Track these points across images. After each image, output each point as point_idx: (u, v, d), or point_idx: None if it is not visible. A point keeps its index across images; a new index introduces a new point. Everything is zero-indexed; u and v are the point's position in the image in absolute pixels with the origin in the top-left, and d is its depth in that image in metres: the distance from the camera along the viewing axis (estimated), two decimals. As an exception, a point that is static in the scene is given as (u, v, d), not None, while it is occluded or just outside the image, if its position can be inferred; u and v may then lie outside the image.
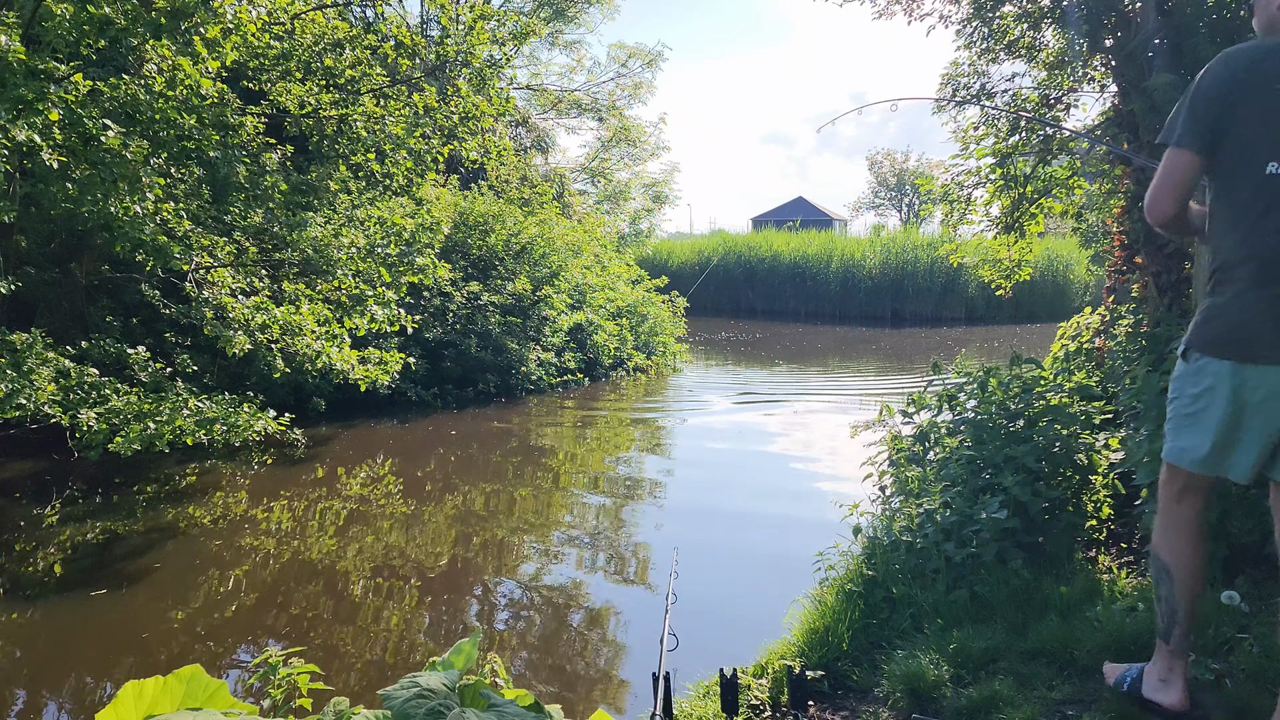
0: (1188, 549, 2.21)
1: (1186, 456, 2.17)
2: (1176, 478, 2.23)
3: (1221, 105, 2.02)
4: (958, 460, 4.08)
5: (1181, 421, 2.17)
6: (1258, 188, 2.00)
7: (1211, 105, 2.03)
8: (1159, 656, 2.29)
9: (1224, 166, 2.06)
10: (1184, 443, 2.17)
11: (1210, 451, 2.11)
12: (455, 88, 8.64)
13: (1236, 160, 2.03)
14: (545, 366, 12.41)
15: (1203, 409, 2.11)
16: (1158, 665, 2.29)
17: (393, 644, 4.64)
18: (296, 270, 8.06)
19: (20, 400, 5.48)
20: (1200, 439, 2.12)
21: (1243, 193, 2.03)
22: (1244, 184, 2.03)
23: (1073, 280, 25.04)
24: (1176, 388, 2.20)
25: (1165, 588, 2.24)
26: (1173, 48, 4.39)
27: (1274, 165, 1.98)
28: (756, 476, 8.13)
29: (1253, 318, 2.01)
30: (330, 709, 1.75)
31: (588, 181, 24.90)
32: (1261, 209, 2.01)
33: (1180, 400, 2.18)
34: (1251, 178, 2.01)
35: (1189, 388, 2.15)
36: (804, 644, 3.27)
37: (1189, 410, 2.15)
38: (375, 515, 6.85)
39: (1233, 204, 2.07)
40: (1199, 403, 2.11)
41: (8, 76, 4.98)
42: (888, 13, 6.14)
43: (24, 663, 4.43)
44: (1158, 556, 2.27)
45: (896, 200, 63.62)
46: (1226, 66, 2.04)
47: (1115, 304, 5.73)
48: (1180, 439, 2.18)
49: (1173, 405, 2.21)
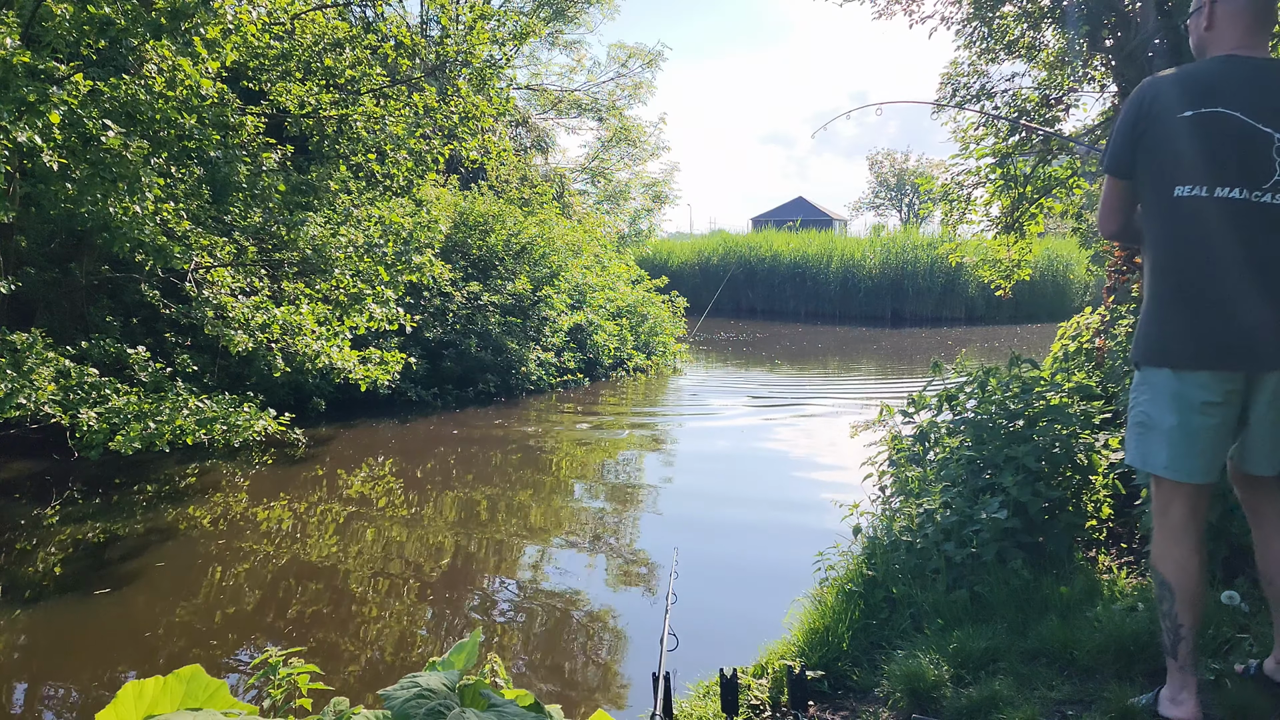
0: (1185, 559, 2.20)
1: (1152, 463, 2.23)
2: (1161, 487, 2.25)
3: (1134, 133, 2.18)
4: (958, 460, 4.08)
5: (1139, 430, 2.27)
6: (1168, 210, 2.15)
7: (1128, 134, 2.19)
8: (1170, 675, 2.28)
9: (1142, 189, 2.22)
10: (1146, 450, 2.24)
11: (1170, 456, 2.18)
12: (455, 88, 8.64)
13: (1150, 184, 2.19)
14: (545, 366, 12.41)
15: (1155, 416, 2.21)
16: (1171, 683, 2.27)
17: (393, 644, 4.64)
18: (296, 270, 8.06)
19: (20, 400, 5.48)
20: (1158, 446, 2.21)
21: (1157, 214, 2.19)
22: (1157, 206, 2.18)
23: (1073, 280, 25.04)
24: (1132, 396, 2.30)
25: (1168, 604, 2.22)
26: (1173, 48, 4.39)
27: (1180, 189, 2.11)
28: (757, 477, 8.13)
29: (1177, 329, 2.15)
30: (330, 709, 1.75)
31: (588, 181, 24.90)
32: (1172, 230, 2.16)
33: (1135, 409, 2.28)
34: (1162, 200, 2.16)
35: (1141, 395, 2.26)
36: (804, 644, 3.27)
37: (1142, 419, 2.25)
38: (375, 515, 6.85)
39: (1150, 225, 2.22)
40: (1151, 409, 2.22)
41: (9, 78, 4.98)
42: (888, 13, 6.14)
43: (24, 663, 4.43)
44: (1157, 571, 2.26)
45: (896, 200, 63.63)
46: (1139, 96, 2.19)
47: (1115, 304, 5.73)
48: (1142, 446, 2.26)
49: (1130, 413, 2.30)
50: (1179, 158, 2.11)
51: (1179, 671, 2.24)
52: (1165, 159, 2.13)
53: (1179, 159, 2.11)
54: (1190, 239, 2.13)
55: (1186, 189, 2.10)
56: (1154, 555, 2.28)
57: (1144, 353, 2.23)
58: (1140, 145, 2.17)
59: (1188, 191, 2.10)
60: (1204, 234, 2.10)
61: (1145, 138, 2.15)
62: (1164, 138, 2.13)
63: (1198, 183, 2.09)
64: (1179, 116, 2.10)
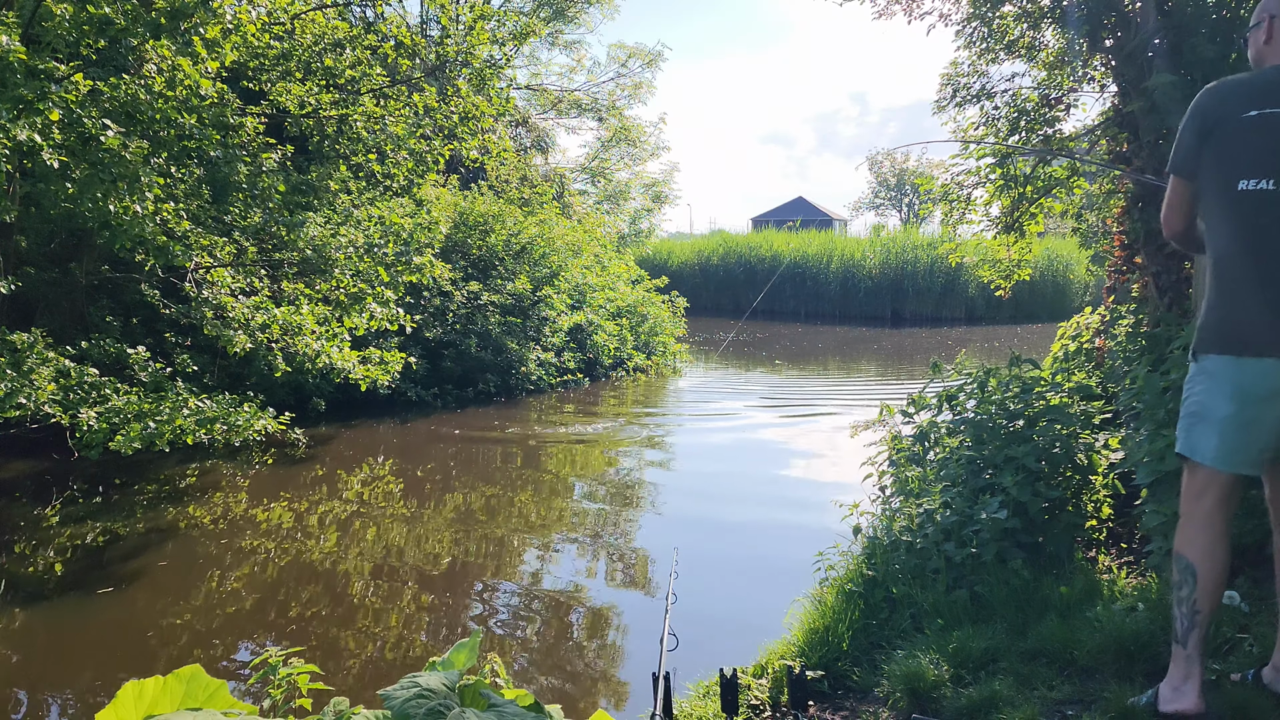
0: (1212, 545, 2.24)
1: (1200, 452, 2.27)
2: (1196, 475, 2.30)
3: (1201, 135, 2.33)
4: (958, 460, 4.08)
5: (1190, 420, 2.32)
6: (1232, 203, 2.27)
7: (1195, 135, 2.34)
8: (1174, 663, 2.29)
9: (1206, 186, 2.34)
10: (1196, 439, 2.29)
11: (1220, 446, 2.23)
12: (455, 88, 8.64)
13: (1214, 180, 2.31)
14: (545, 366, 12.41)
15: (1209, 406, 2.27)
16: (1172, 673, 2.29)
17: (392, 644, 4.64)
18: (296, 270, 8.06)
19: (20, 400, 5.48)
20: (1208, 435, 2.26)
21: (1221, 208, 2.31)
22: (1222, 200, 2.30)
23: (1073, 280, 25.04)
24: (1187, 388, 2.36)
25: (1188, 589, 2.25)
26: (1173, 48, 4.39)
27: (1244, 183, 2.24)
28: (757, 477, 8.12)
29: (1241, 317, 2.23)
30: (330, 709, 1.75)
31: (588, 181, 24.91)
32: (1236, 222, 2.27)
33: (1189, 400, 2.34)
34: (1227, 195, 2.28)
35: (1196, 386, 2.32)
36: (804, 644, 3.28)
37: (1195, 409, 2.31)
38: (375, 515, 6.85)
39: (1214, 219, 2.34)
40: (1206, 399, 2.27)
41: (8, 77, 4.97)
42: (888, 13, 6.14)
43: (24, 663, 4.43)
44: (1182, 556, 2.29)
45: (896, 200, 63.63)
46: (1204, 101, 2.34)
47: (1115, 304, 5.73)
48: (1192, 435, 2.31)
49: (1184, 404, 2.36)
50: (1242, 154, 2.24)
51: (1184, 660, 2.26)
52: (1229, 156, 2.27)
53: (1242, 155, 2.24)
54: (1254, 230, 2.24)
55: (1250, 183, 2.22)
56: (1179, 541, 2.31)
57: (1205, 341, 2.29)
58: (1207, 145, 2.30)
59: (1251, 185, 2.22)
60: (1266, 224, 2.21)
61: (1212, 137, 2.29)
62: (1229, 137, 2.27)
63: (1260, 176, 2.21)
64: (1243, 116, 2.24)
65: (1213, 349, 2.27)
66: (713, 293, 28.73)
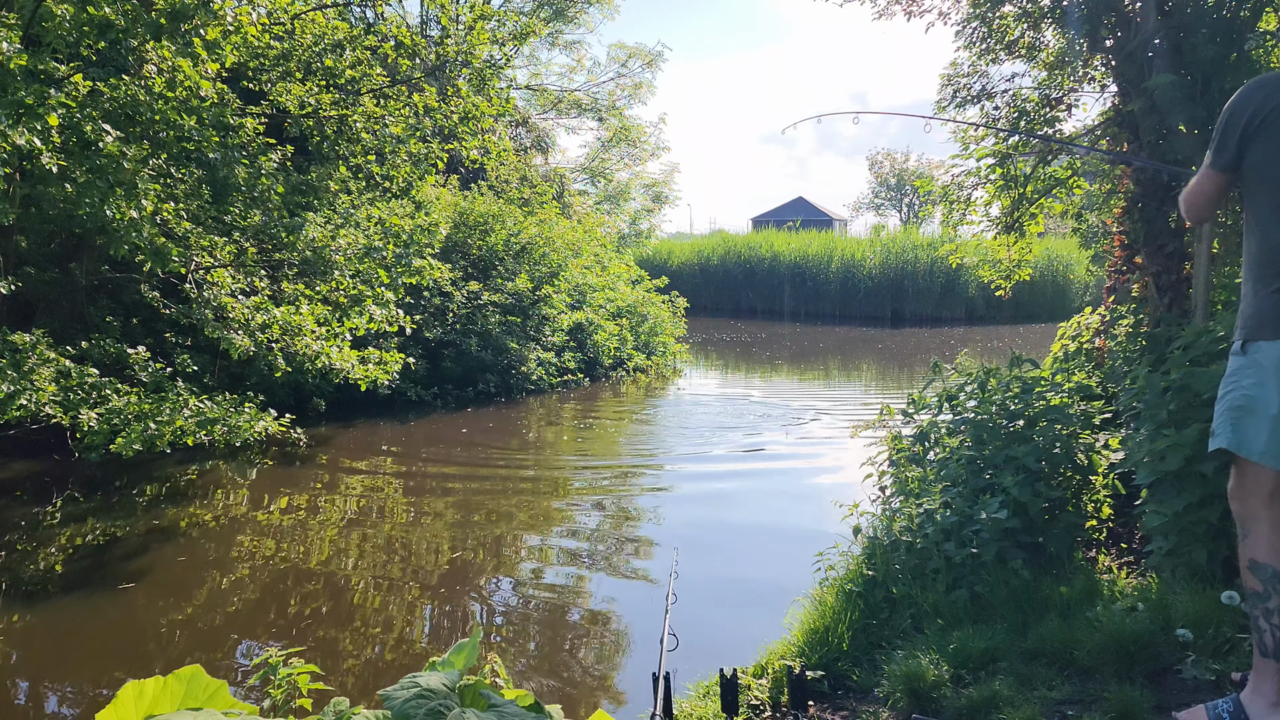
0: None
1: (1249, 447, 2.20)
2: (1248, 473, 2.22)
3: (1247, 129, 2.33)
4: (958, 460, 4.08)
5: (1236, 414, 2.24)
6: (1273, 193, 2.29)
7: (1240, 130, 2.35)
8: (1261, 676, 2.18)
9: (1250, 177, 2.36)
10: (1245, 433, 2.21)
11: (1269, 443, 2.16)
12: (455, 88, 8.64)
13: (1259, 171, 2.33)
14: (545, 366, 12.41)
15: (1259, 399, 2.19)
16: (1263, 688, 2.17)
17: (393, 644, 4.64)
18: (296, 271, 8.06)
19: (21, 401, 5.48)
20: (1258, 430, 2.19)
21: (1268, 197, 2.31)
22: (1268, 190, 2.31)
23: (1073, 280, 25.03)
24: (1230, 380, 2.29)
25: (1276, 599, 2.14)
26: (1173, 48, 4.39)
27: None
28: (757, 477, 8.12)
29: None
30: (330, 709, 1.75)
31: (588, 181, 24.93)
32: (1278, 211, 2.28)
33: (1235, 392, 2.26)
34: (1273, 184, 2.30)
35: (1244, 378, 2.24)
36: (804, 644, 3.28)
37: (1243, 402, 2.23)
38: (375, 515, 6.85)
39: (1259, 209, 2.34)
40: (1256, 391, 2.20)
41: (8, 81, 4.97)
42: (888, 13, 6.14)
43: (24, 663, 4.43)
44: (1266, 565, 2.17)
45: (896, 200, 63.61)
46: (1248, 96, 2.35)
47: (1115, 304, 5.73)
48: (1240, 429, 2.22)
49: (1226, 397, 2.28)
50: None
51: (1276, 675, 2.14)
52: (1275, 147, 2.29)
53: None
54: None
55: None
56: (1254, 549, 2.19)
57: (1253, 329, 2.26)
58: (1254, 139, 2.32)
59: None
60: None
61: (1259, 130, 2.31)
62: (1276, 129, 2.28)
63: None
64: None
65: (1262, 334, 2.21)
66: (712, 293, 28.72)
